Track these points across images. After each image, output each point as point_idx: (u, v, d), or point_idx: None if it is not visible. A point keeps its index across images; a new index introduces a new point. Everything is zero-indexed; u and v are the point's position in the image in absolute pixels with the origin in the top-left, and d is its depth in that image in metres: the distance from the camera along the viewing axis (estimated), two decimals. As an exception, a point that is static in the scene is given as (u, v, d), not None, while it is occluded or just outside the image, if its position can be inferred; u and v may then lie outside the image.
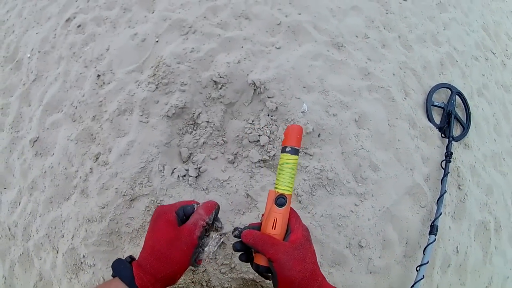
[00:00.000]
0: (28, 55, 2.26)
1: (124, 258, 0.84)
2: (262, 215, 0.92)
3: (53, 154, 1.85)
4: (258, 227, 0.91)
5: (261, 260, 0.86)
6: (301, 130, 0.91)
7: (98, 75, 1.81)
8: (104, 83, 1.79)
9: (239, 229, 0.90)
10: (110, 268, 0.82)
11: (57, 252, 1.70)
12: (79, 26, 2.08)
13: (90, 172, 1.68)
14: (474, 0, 2.82)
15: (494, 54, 2.62)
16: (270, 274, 0.87)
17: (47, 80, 2.08)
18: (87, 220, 1.62)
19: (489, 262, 1.92)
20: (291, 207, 0.90)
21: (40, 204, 1.80)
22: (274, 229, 0.85)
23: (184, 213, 0.89)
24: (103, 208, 1.59)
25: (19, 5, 2.65)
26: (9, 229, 1.91)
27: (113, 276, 0.80)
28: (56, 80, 2.01)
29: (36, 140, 1.93)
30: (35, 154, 1.91)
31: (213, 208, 0.91)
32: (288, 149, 0.88)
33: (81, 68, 1.92)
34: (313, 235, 1.51)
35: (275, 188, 0.90)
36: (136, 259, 0.84)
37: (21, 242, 1.86)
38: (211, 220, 0.90)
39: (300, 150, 0.93)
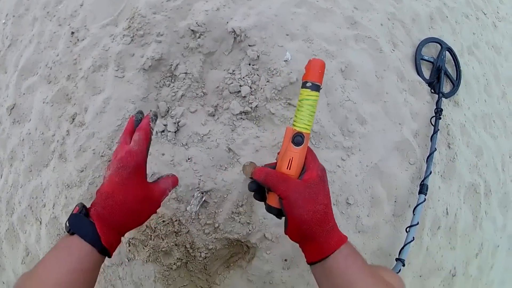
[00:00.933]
0: (3, 21, 2.19)
1: (78, 211, 0.75)
2: (278, 153, 0.89)
3: (30, 120, 1.80)
4: (273, 167, 0.87)
5: (273, 201, 0.83)
6: (324, 65, 0.85)
7: (72, 32, 1.73)
8: (78, 40, 1.71)
9: (253, 164, 0.91)
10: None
11: (41, 224, 1.67)
12: (52, -16, 1.99)
13: (67, 134, 1.62)
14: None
15: (485, 14, 2.56)
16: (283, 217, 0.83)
17: (22, 43, 2.01)
18: (67, 186, 1.57)
19: (479, 227, 1.91)
20: (308, 146, 0.85)
21: (20, 174, 1.76)
22: (289, 169, 0.81)
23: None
24: (81, 171, 1.54)
25: (-7, -28, 2.55)
26: None
27: (70, 233, 0.72)
28: (30, 42, 1.94)
29: (13, 108, 1.88)
30: (12, 122, 1.86)
31: (176, 185, 0.91)
32: (308, 84, 0.83)
33: (55, 27, 1.84)
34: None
35: (293, 125, 0.85)
36: (89, 207, 0.77)
37: (5, 217, 1.83)
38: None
39: (321, 87, 0.86)
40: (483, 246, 1.95)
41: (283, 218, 0.82)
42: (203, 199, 1.42)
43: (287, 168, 0.81)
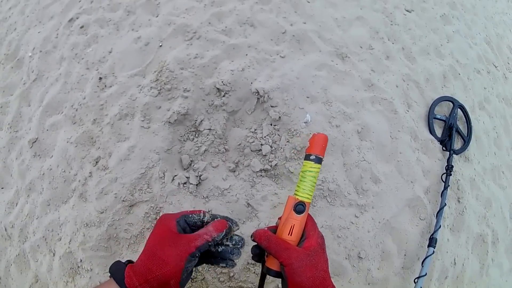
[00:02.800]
0: (30, 54, 2.24)
1: (124, 261, 0.84)
2: (279, 218, 0.93)
3: (52, 156, 1.83)
4: (274, 230, 0.92)
5: (273, 264, 0.87)
6: (327, 140, 0.92)
7: (100, 78, 1.80)
8: (105, 86, 1.77)
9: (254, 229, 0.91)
10: (107, 273, 0.80)
11: (54, 255, 1.68)
12: (82, 27, 2.06)
13: (90, 176, 1.66)
14: (478, 13, 2.82)
15: (496, 67, 2.62)
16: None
17: (48, 80, 2.06)
18: (85, 225, 1.60)
19: (485, 274, 1.92)
20: (309, 214, 0.90)
21: (37, 206, 1.78)
22: (291, 235, 0.86)
23: (186, 222, 0.88)
24: (101, 213, 1.57)
25: (21, 2, 2.64)
26: (5, 229, 1.89)
27: (110, 276, 0.80)
28: (57, 80, 1.99)
29: (35, 141, 1.91)
30: (33, 155, 1.89)
31: (224, 227, 0.86)
32: (312, 157, 0.90)
33: (82, 70, 1.90)
34: (312, 246, 1.49)
35: (295, 194, 0.91)
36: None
37: (17, 243, 1.84)
38: (219, 238, 0.85)
39: (323, 160, 0.93)
40: None
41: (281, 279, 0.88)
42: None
43: (288, 234, 0.86)
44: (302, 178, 0.91)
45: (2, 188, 1.99)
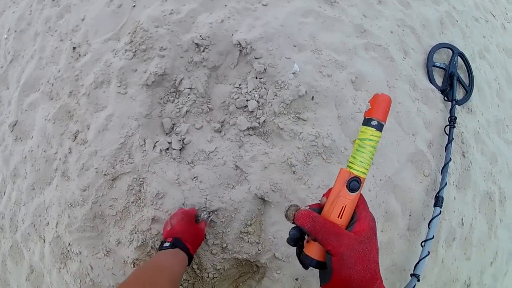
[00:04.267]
0: (5, 36, 2.16)
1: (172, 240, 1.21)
2: (323, 195, 0.76)
3: (32, 137, 1.76)
4: (318, 210, 0.75)
5: (313, 252, 0.72)
6: (391, 102, 0.76)
7: (74, 48, 1.70)
8: (80, 55, 1.68)
9: (294, 207, 0.74)
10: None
11: (44, 242, 1.64)
12: (53, -1, 1.96)
13: (69, 152, 1.58)
14: (474, -40, 2.68)
15: (494, 16, 2.51)
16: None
17: (23, 59, 1.98)
18: (70, 205, 1.53)
19: (494, 235, 1.86)
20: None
21: (23, 192, 1.73)
22: (341, 218, 0.71)
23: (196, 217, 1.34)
24: (84, 190, 1.50)
25: (-5, -14, 2.53)
26: None
27: (173, 247, 1.18)
28: (32, 58, 1.91)
29: (15, 124, 1.84)
30: (15, 139, 1.83)
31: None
32: (374, 122, 0.73)
33: (56, 42, 1.81)
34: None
35: (349, 167, 0.74)
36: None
37: (9, 234, 1.81)
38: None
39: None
40: (497, 254, 1.89)
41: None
42: (210, 219, 1.38)
43: (338, 217, 0.71)
44: (360, 148, 0.74)
45: (-11, 178, 1.92)
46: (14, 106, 1.86)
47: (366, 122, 0.73)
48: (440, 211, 1.50)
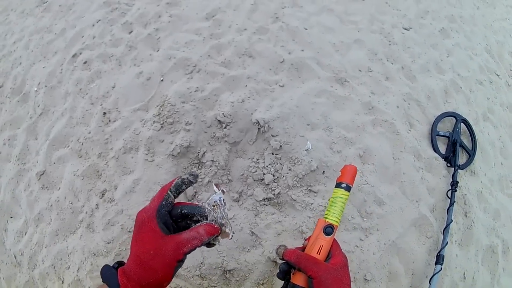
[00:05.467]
0: (35, 89, 2.29)
1: (112, 265, 0.82)
2: (306, 239, 0.99)
3: (59, 188, 1.86)
4: (301, 249, 0.97)
5: (299, 280, 0.91)
6: (356, 171, 1.01)
7: (104, 113, 1.83)
8: (110, 120, 1.81)
9: (283, 247, 0.96)
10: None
11: (63, 283, 1.70)
12: (85, 62, 2.11)
13: (96, 208, 1.69)
14: (477, 23, 2.82)
15: (498, 75, 2.60)
16: None
17: (54, 115, 2.10)
18: (93, 254, 1.62)
19: (497, 284, 1.89)
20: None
21: (46, 236, 1.81)
22: (319, 254, 0.91)
23: (171, 215, 0.84)
24: (108, 243, 1.60)
25: (25, 37, 2.69)
26: (15, 256, 1.92)
27: (103, 282, 0.79)
28: (62, 115, 2.03)
29: (42, 174, 1.94)
30: (41, 187, 1.92)
31: (217, 231, 0.83)
32: (343, 185, 0.98)
33: (87, 105, 1.94)
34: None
35: (325, 217, 0.97)
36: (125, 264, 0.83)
37: (26, 270, 1.87)
38: (210, 241, 0.83)
39: (351, 188, 1.01)
40: None
41: None
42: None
43: (317, 253, 0.91)
44: (333, 204, 0.98)
45: (11, 217, 2.03)
46: (42, 157, 1.97)
47: (338, 185, 0.99)
48: (441, 268, 1.57)
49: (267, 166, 1.57)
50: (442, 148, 1.93)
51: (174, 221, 0.85)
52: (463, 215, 1.84)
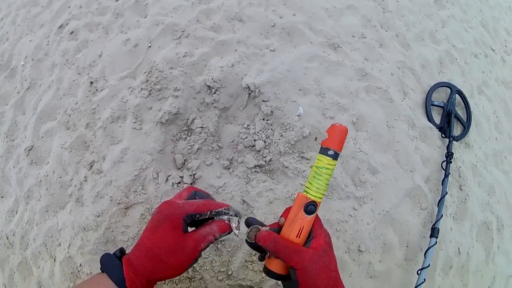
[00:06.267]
0: (22, 63, 2.24)
1: (113, 252, 0.79)
2: (281, 216, 0.85)
3: (47, 162, 1.83)
4: (277, 229, 0.83)
5: (275, 266, 0.81)
6: (347, 133, 0.82)
7: (91, 82, 1.79)
8: (97, 90, 1.77)
9: (255, 228, 0.82)
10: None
11: (55, 261, 1.68)
12: (71, 32, 2.06)
13: (85, 180, 1.65)
14: (472, -4, 2.78)
15: (493, 50, 2.58)
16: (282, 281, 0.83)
17: (41, 88, 2.06)
18: (83, 229, 1.59)
19: (491, 261, 1.90)
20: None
21: (36, 213, 1.78)
22: (299, 237, 0.79)
23: (192, 218, 0.80)
24: (98, 216, 1.56)
25: (12, 12, 2.64)
26: (7, 237, 1.90)
27: (102, 270, 0.76)
28: (49, 87, 1.99)
29: (31, 149, 1.91)
30: (30, 162, 1.89)
31: (228, 229, 0.83)
32: (330, 152, 0.79)
33: (74, 75, 1.90)
34: (311, 241, 1.47)
35: (306, 192, 0.81)
36: (127, 252, 0.79)
37: (19, 251, 1.85)
38: (221, 237, 0.84)
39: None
40: (495, 279, 1.93)
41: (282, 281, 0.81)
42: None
43: (296, 237, 0.78)
44: (317, 175, 0.80)
45: (2, 197, 2.00)
46: (30, 132, 1.94)
47: (323, 151, 0.80)
48: (436, 242, 1.56)
49: (258, 132, 1.54)
50: (437, 119, 1.91)
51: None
52: (457, 188, 1.83)
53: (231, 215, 0.86)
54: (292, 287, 0.78)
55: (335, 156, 0.79)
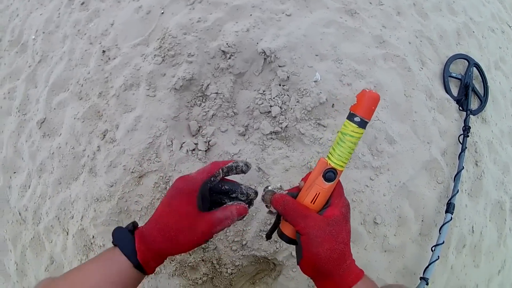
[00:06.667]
0: (33, 37, 2.23)
1: (125, 226, 0.78)
2: (302, 179, 0.83)
3: (60, 134, 1.82)
4: (296, 194, 0.81)
5: (287, 230, 0.79)
6: (378, 101, 0.74)
7: (103, 51, 1.77)
8: (109, 58, 1.75)
9: (270, 192, 0.82)
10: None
11: (67, 234, 1.68)
12: (82, 3, 2.03)
13: (98, 150, 1.64)
14: (490, -29, 2.71)
15: (510, 27, 2.53)
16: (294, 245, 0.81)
17: (52, 60, 2.04)
18: (96, 200, 1.58)
19: (503, 244, 1.88)
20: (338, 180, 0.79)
21: (49, 186, 1.78)
22: (313, 203, 0.76)
23: (209, 185, 0.81)
24: (111, 186, 1.55)
25: (22, -12, 2.62)
26: (20, 213, 1.90)
27: (114, 244, 0.75)
28: (61, 59, 1.98)
29: (43, 121, 1.90)
30: (42, 135, 1.89)
31: (246, 212, 0.82)
32: (357, 119, 0.72)
33: (86, 45, 1.88)
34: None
35: (328, 158, 0.77)
36: (139, 226, 0.79)
37: (31, 226, 1.85)
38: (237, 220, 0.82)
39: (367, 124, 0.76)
40: (505, 263, 1.92)
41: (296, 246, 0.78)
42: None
43: (311, 202, 0.76)
44: (340, 142, 0.75)
45: (15, 172, 2.00)
46: (43, 104, 1.93)
47: (350, 117, 0.74)
48: (451, 218, 1.54)
49: (274, 98, 1.51)
50: (454, 91, 1.87)
51: (209, 195, 0.84)
52: (473, 163, 1.80)
53: (240, 167, 0.87)
54: (299, 255, 0.77)
55: (361, 124, 0.73)
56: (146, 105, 1.57)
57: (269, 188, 0.85)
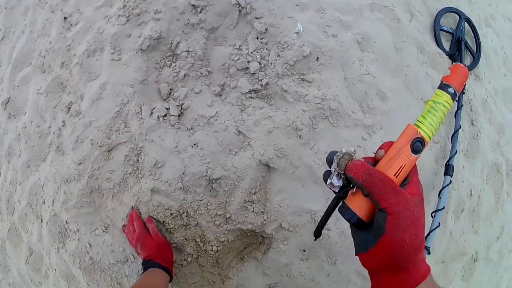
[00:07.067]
0: (-4, 15, 2.08)
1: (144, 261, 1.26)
2: (380, 147, 0.67)
3: (25, 113, 1.71)
4: (372, 164, 0.65)
5: (356, 205, 0.63)
6: (468, 76, 0.76)
7: (65, 17, 1.63)
8: (71, 25, 1.61)
9: (348, 155, 0.63)
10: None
11: (42, 221, 1.59)
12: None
13: (63, 125, 1.53)
14: None
15: (499, -17, 2.42)
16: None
17: (14, 35, 1.92)
18: (65, 181, 1.47)
19: (501, 209, 1.82)
20: None
21: (18, 171, 1.68)
22: (397, 177, 0.63)
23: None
24: (79, 164, 1.43)
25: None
26: None
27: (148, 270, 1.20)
28: (23, 32, 1.85)
29: (7, 102, 1.79)
30: (8, 116, 1.78)
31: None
32: (451, 90, 0.68)
33: (47, 14, 1.75)
34: (316, 175, 1.32)
35: (418, 126, 0.67)
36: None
37: (7, 217, 1.77)
38: None
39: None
40: (503, 229, 1.85)
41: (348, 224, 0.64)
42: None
43: (394, 175, 0.63)
44: (433, 111, 0.67)
45: (-17, 160, 1.87)
46: (6, 83, 1.81)
47: (443, 86, 0.69)
48: (451, 181, 1.44)
49: (251, 53, 1.37)
50: (446, 45, 1.75)
51: None
52: (469, 122, 1.71)
53: None
54: (368, 242, 0.60)
55: (454, 96, 0.68)
56: (111, 70, 1.44)
57: (344, 151, 0.68)
